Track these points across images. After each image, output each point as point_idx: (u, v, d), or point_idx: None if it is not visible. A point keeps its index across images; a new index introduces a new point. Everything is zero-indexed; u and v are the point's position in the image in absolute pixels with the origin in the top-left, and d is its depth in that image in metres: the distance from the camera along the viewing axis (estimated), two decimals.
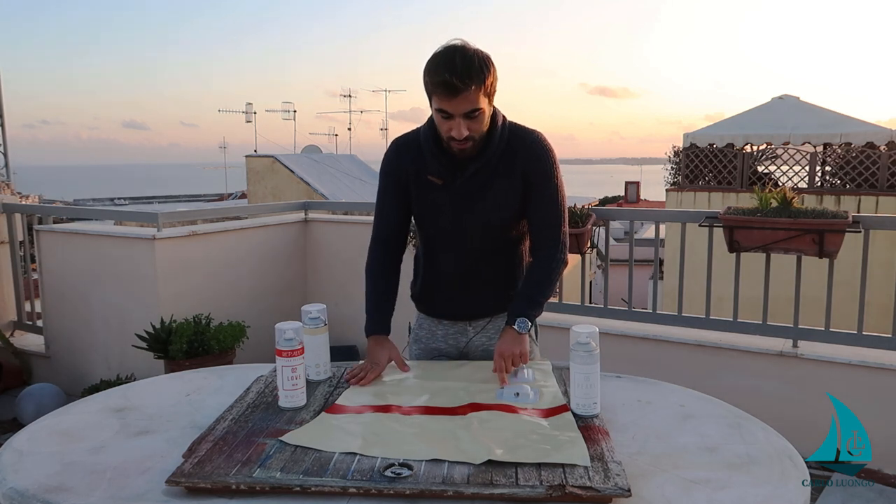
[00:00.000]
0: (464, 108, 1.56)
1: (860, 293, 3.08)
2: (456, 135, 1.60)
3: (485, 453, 1.24)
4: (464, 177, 1.70)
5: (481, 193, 1.71)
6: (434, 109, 1.61)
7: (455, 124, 1.59)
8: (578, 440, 1.31)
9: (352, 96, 19.49)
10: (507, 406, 1.47)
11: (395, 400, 1.53)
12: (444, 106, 1.57)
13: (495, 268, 1.82)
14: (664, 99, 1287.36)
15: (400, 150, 1.79)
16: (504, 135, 1.70)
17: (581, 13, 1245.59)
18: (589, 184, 78.69)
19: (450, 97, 1.55)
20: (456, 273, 1.83)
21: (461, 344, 1.89)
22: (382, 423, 1.40)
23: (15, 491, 1.19)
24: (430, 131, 1.71)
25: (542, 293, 1.75)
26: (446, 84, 1.53)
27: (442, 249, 1.83)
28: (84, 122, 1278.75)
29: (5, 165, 12.34)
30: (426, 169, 1.73)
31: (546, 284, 1.76)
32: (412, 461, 1.23)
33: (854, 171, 9.71)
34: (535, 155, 1.72)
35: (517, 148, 1.71)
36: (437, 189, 1.73)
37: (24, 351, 4.31)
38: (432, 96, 1.59)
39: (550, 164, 1.73)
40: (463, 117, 1.58)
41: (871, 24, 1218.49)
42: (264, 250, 4.35)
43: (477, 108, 1.57)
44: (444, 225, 1.78)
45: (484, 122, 1.62)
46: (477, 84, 1.55)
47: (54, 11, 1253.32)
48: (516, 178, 1.71)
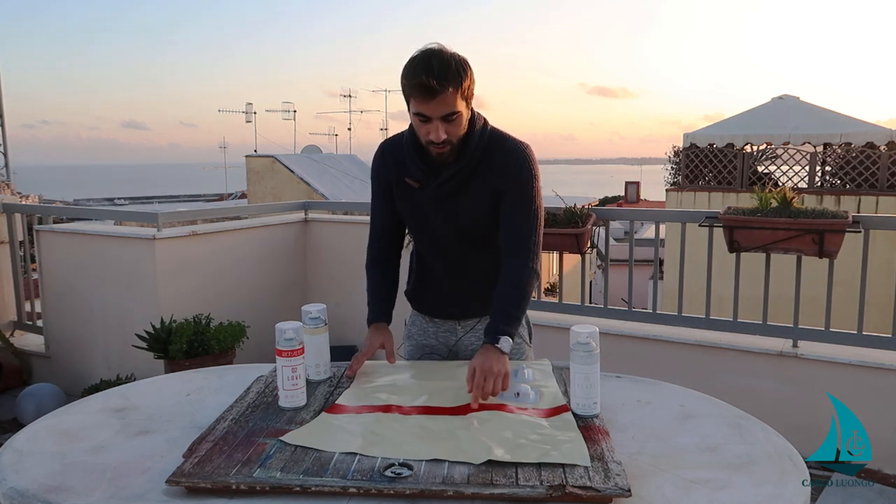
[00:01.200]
0: (441, 111, 1.56)
1: (860, 293, 3.08)
2: (434, 138, 1.59)
3: (485, 453, 1.24)
4: (439, 180, 1.69)
5: (456, 197, 1.71)
6: (412, 113, 1.61)
7: (433, 128, 1.58)
8: (578, 440, 1.31)
9: (352, 96, 19.49)
10: (506, 406, 1.47)
11: (394, 400, 1.53)
12: (422, 109, 1.57)
13: (481, 269, 1.81)
14: (663, 99, 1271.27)
15: (385, 153, 1.81)
16: (483, 140, 1.68)
17: (580, 13, 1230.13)
18: (589, 184, 78.70)
19: (427, 100, 1.54)
20: (443, 273, 1.85)
21: (451, 342, 1.90)
22: (382, 423, 1.40)
23: (15, 491, 1.19)
24: (411, 135, 1.71)
25: (517, 306, 1.70)
26: (423, 87, 1.53)
27: (427, 250, 1.85)
28: (84, 122, 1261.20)
29: (5, 165, 12.35)
30: (406, 172, 1.74)
31: (519, 297, 1.70)
32: (412, 461, 1.23)
33: (854, 171, 9.71)
34: (510, 162, 1.69)
35: (495, 154, 1.69)
36: (415, 191, 1.74)
37: (24, 351, 4.31)
38: (410, 99, 1.59)
39: (526, 173, 1.69)
40: (441, 120, 1.57)
41: (872, 24, 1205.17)
42: (264, 250, 4.35)
43: (454, 111, 1.57)
44: (425, 227, 1.79)
45: (462, 126, 1.62)
46: (454, 86, 1.54)
47: (54, 11, 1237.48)
48: (490, 183, 1.70)
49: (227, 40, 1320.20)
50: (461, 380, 1.62)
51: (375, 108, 50.68)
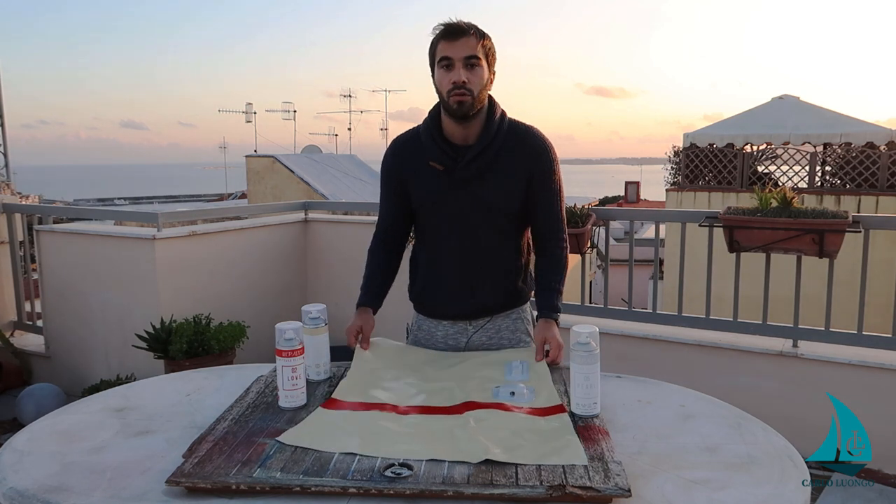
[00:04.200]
0: (464, 52, 1.66)
1: (860, 293, 3.08)
2: (456, 80, 1.67)
3: (482, 452, 1.24)
4: (464, 161, 1.74)
5: (481, 179, 1.76)
6: (437, 67, 1.69)
7: (455, 73, 1.66)
8: (575, 443, 1.30)
9: (352, 96, 19.52)
10: (502, 405, 1.47)
11: (390, 399, 1.52)
12: (447, 51, 1.66)
13: (494, 262, 1.85)
14: (662, 99, 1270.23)
15: (398, 147, 1.85)
16: (504, 123, 1.77)
17: (578, 13, 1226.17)
18: (589, 184, 78.68)
19: (452, 40, 1.66)
20: (457, 268, 1.85)
21: (461, 344, 1.90)
22: (379, 423, 1.40)
23: (15, 491, 1.19)
24: (431, 121, 1.78)
25: (561, 282, 1.87)
26: (448, 28, 1.67)
27: (441, 243, 1.85)
28: (83, 122, 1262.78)
29: (5, 165, 12.35)
30: (427, 157, 1.78)
31: (561, 272, 1.88)
32: (412, 461, 1.23)
33: (854, 171, 9.71)
34: (537, 146, 1.79)
35: (519, 142, 1.77)
36: (438, 175, 1.77)
37: (24, 351, 4.31)
38: (436, 48, 1.69)
39: (552, 156, 1.81)
40: (463, 64, 1.66)
41: (872, 25, 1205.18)
42: (264, 250, 4.35)
43: (475, 55, 1.67)
44: (446, 213, 1.81)
45: (482, 78, 1.69)
46: (476, 33, 1.68)
47: (54, 11, 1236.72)
48: (518, 171, 1.77)
49: (227, 40, 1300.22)
50: (457, 379, 1.62)
51: (375, 109, 50.74)
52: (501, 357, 1.75)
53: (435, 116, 1.78)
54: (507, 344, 1.89)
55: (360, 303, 1.87)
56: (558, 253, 1.87)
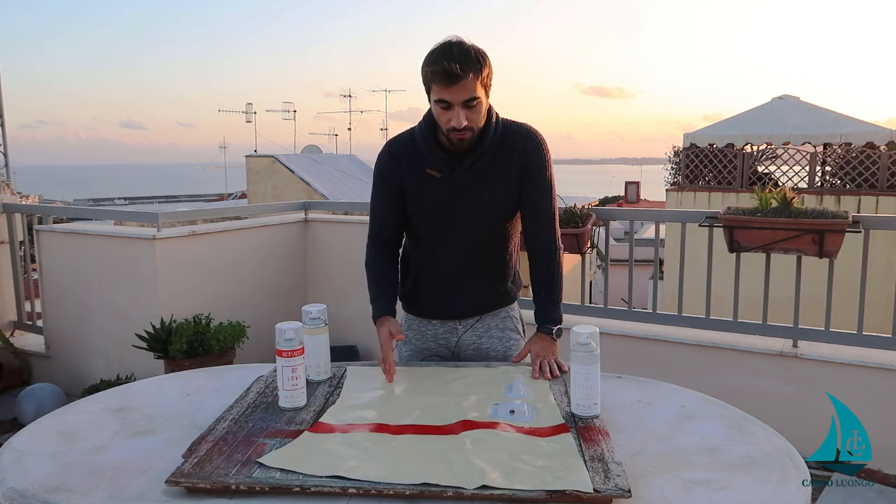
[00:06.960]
0: (462, 97, 1.60)
1: (860, 293, 3.08)
2: (455, 124, 1.63)
3: (478, 478, 1.17)
4: (462, 168, 1.73)
5: (479, 185, 1.75)
6: (433, 102, 1.65)
7: (454, 114, 1.62)
8: (579, 467, 1.22)
9: (351, 96, 19.53)
10: (500, 424, 1.41)
11: (384, 417, 1.45)
12: (444, 95, 1.60)
13: (488, 264, 1.86)
14: (661, 99, 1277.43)
15: (394, 151, 1.81)
16: (498, 128, 1.75)
17: (576, 13, 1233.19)
18: (589, 184, 78.69)
19: (449, 85, 1.59)
20: (449, 270, 1.85)
21: (451, 343, 1.91)
22: (370, 444, 1.33)
23: (15, 491, 1.19)
24: (426, 126, 1.74)
25: (557, 290, 1.84)
26: (445, 72, 1.57)
27: (436, 246, 1.85)
28: (82, 122, 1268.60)
29: (5, 165, 12.34)
30: (424, 164, 1.75)
31: (557, 280, 1.84)
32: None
33: (854, 171, 9.71)
34: (530, 147, 1.78)
35: (513, 141, 1.76)
36: (435, 183, 1.76)
37: (24, 351, 4.31)
38: (431, 85, 1.63)
39: (544, 152, 1.79)
40: (462, 106, 1.61)
41: (871, 24, 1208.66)
42: (264, 250, 4.35)
43: (475, 96, 1.61)
44: (442, 219, 1.80)
45: (481, 113, 1.66)
46: (474, 72, 1.60)
47: (54, 11, 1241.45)
48: (513, 170, 1.76)
49: (227, 40, 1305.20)
50: (454, 395, 1.57)
51: (375, 109, 50.71)
52: (500, 373, 1.72)
53: (430, 122, 1.73)
54: (496, 342, 1.89)
55: (380, 313, 1.80)
56: (550, 248, 1.82)
